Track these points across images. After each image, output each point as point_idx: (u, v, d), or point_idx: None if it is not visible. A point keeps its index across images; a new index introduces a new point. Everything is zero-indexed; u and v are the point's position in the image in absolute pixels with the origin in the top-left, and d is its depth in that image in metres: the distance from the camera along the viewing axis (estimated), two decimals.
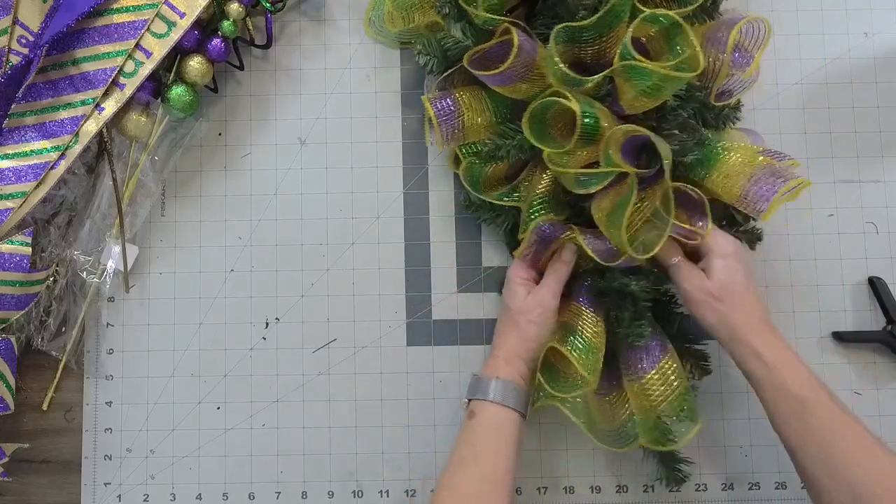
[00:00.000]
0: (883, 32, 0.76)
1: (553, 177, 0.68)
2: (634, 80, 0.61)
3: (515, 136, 0.67)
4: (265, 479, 0.73)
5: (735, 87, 0.66)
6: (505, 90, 0.66)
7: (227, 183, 0.76)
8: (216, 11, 0.70)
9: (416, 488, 0.73)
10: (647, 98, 0.62)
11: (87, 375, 0.74)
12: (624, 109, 0.64)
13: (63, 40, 0.66)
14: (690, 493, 0.72)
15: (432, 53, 0.69)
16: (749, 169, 0.62)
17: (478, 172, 0.69)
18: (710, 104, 0.66)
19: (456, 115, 0.68)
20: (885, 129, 0.75)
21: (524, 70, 0.64)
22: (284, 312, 0.74)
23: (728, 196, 0.64)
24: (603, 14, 0.61)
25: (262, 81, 0.76)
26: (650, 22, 0.61)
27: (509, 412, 0.64)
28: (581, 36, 0.63)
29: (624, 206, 0.61)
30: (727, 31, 0.62)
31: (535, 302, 0.66)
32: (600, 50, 0.64)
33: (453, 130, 0.68)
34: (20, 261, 0.67)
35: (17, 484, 0.73)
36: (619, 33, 0.62)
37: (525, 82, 0.65)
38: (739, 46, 0.63)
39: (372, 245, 0.75)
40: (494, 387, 0.64)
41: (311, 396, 0.74)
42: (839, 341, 0.73)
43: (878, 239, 0.75)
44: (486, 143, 0.68)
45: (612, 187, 0.64)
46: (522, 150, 0.67)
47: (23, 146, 0.67)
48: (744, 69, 0.63)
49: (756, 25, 0.62)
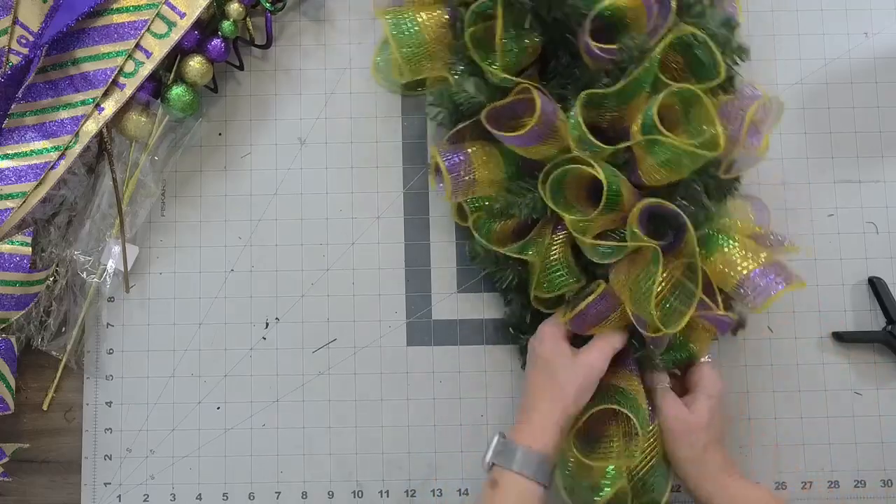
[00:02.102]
0: (883, 32, 0.76)
1: (565, 239, 0.66)
2: (656, 152, 0.60)
3: (528, 194, 0.65)
4: (265, 479, 0.73)
5: (742, 163, 0.66)
6: (521, 150, 0.65)
7: (227, 183, 0.76)
8: (216, 11, 0.70)
9: (416, 488, 0.73)
10: (666, 170, 0.61)
11: (87, 375, 0.74)
12: (642, 180, 0.63)
13: (63, 40, 0.66)
14: None
15: (444, 106, 0.69)
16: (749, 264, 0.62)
17: (486, 227, 0.68)
18: (717, 178, 0.65)
19: (467, 171, 0.66)
20: (885, 129, 0.75)
21: (543, 132, 0.62)
22: (284, 312, 0.74)
23: (724, 283, 0.63)
24: (627, 83, 0.60)
25: (262, 81, 0.76)
26: (675, 95, 0.60)
27: (535, 485, 0.59)
28: (602, 101, 0.62)
29: (649, 280, 0.59)
30: (742, 109, 0.62)
31: (584, 363, 0.62)
32: (620, 117, 0.63)
33: (463, 184, 0.66)
34: (20, 261, 0.67)
35: (17, 484, 0.73)
36: (640, 101, 0.61)
37: (544, 144, 0.63)
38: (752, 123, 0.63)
39: (372, 245, 0.75)
40: (525, 457, 0.60)
41: (310, 396, 0.74)
42: (839, 341, 0.73)
43: (878, 239, 0.75)
44: (498, 200, 0.67)
45: (629, 256, 0.63)
46: (535, 209, 0.65)
47: (23, 146, 0.67)
48: (755, 146, 0.63)
49: (770, 106, 0.62)
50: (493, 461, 0.61)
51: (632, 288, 0.62)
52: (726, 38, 0.63)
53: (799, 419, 0.73)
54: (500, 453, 0.61)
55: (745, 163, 0.66)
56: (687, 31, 0.60)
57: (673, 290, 0.62)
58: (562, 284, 0.66)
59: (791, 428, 0.73)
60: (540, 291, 0.67)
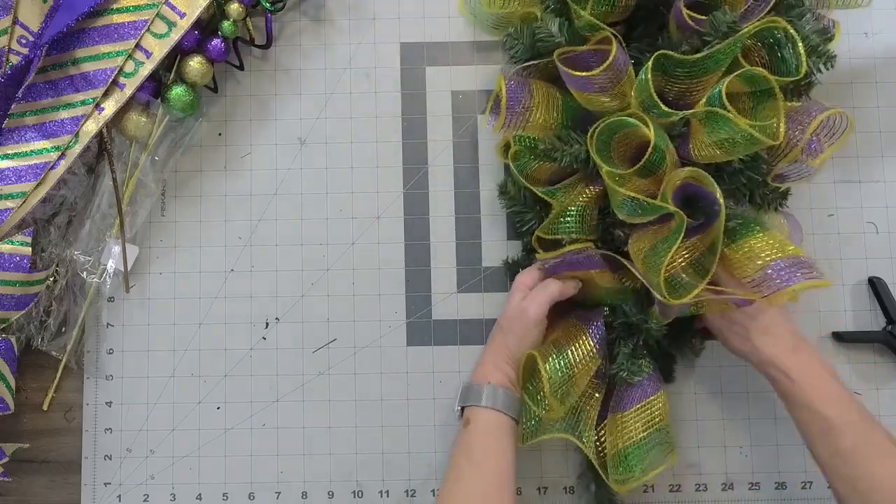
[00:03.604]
0: (883, 32, 0.76)
1: (593, 195, 0.67)
2: (715, 128, 0.60)
3: (573, 144, 0.66)
4: (265, 479, 0.73)
5: (792, 174, 0.67)
6: (582, 97, 0.66)
7: (227, 183, 0.76)
8: (216, 11, 0.70)
9: (416, 488, 0.73)
10: (720, 150, 0.61)
11: (87, 375, 0.74)
12: (691, 155, 0.64)
13: (63, 40, 0.66)
14: (690, 493, 0.72)
15: (522, 40, 0.70)
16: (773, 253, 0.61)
17: (524, 165, 0.69)
18: (765, 181, 0.66)
19: (525, 105, 0.67)
20: (885, 129, 0.75)
21: (609, 83, 0.63)
22: (284, 312, 0.74)
23: (743, 271, 0.63)
24: (707, 54, 0.60)
25: (261, 81, 0.76)
26: (747, 80, 0.61)
27: (503, 417, 0.63)
28: (675, 70, 0.62)
29: (667, 246, 0.60)
30: (810, 116, 0.62)
31: (518, 309, 0.66)
32: (687, 90, 0.63)
33: (517, 117, 0.67)
34: (20, 261, 0.67)
35: (17, 484, 0.73)
36: (710, 80, 0.62)
37: (606, 95, 0.64)
38: (815, 134, 0.63)
39: (372, 245, 0.75)
40: (486, 393, 0.64)
41: (311, 396, 0.74)
42: (839, 341, 0.73)
43: (878, 239, 0.75)
44: (544, 142, 0.68)
45: (655, 225, 0.64)
46: (577, 159, 0.66)
47: (23, 146, 0.67)
48: (813, 157, 0.64)
49: (839, 120, 0.63)
50: (462, 404, 0.66)
51: (647, 255, 0.63)
52: (816, 44, 0.64)
53: None
54: (465, 395, 0.66)
55: (797, 174, 0.67)
56: (781, 25, 0.61)
57: (687, 268, 0.62)
58: (566, 230, 0.67)
59: (791, 428, 0.72)
60: (543, 231, 0.68)
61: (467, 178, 0.75)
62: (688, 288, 0.60)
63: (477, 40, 0.77)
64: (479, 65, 0.76)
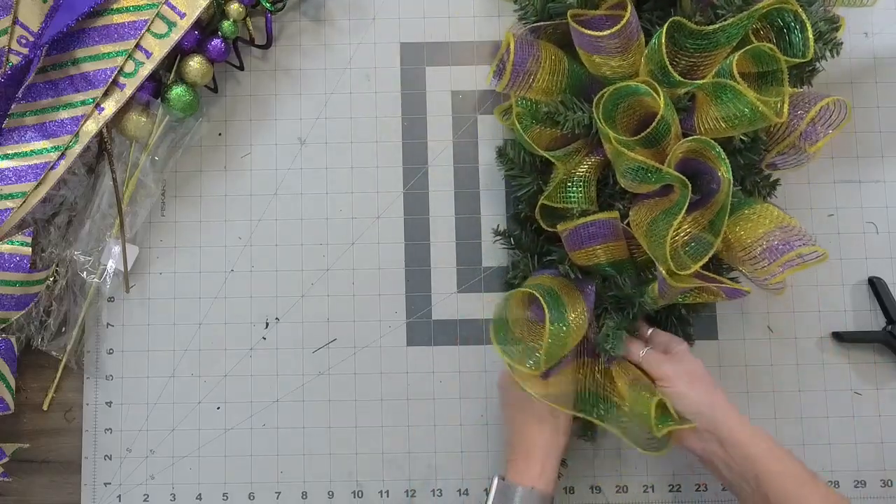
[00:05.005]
0: (883, 32, 0.76)
1: (594, 164, 0.68)
2: (723, 100, 0.61)
3: (577, 110, 0.66)
4: (265, 479, 0.73)
5: (785, 163, 0.68)
6: (590, 61, 0.65)
7: (227, 183, 0.76)
8: (216, 11, 0.70)
9: (416, 488, 0.73)
10: (724, 124, 0.61)
11: (87, 375, 0.74)
12: (695, 129, 0.64)
13: (63, 40, 0.66)
14: (691, 493, 0.72)
15: (533, 1, 0.69)
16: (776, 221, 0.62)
17: (526, 125, 0.68)
18: (758, 167, 0.67)
19: (532, 64, 0.67)
20: (885, 129, 0.75)
21: (620, 47, 0.63)
22: (284, 312, 0.74)
23: (742, 244, 0.63)
24: (721, 26, 0.61)
25: (262, 81, 0.76)
26: (755, 58, 0.61)
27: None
28: (685, 42, 0.62)
29: (669, 218, 0.60)
30: (809, 103, 0.63)
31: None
32: (694, 65, 0.64)
33: (523, 79, 0.67)
34: (20, 261, 0.67)
35: (17, 484, 0.73)
36: (718, 57, 0.63)
37: (614, 59, 0.64)
38: (813, 121, 0.64)
39: (372, 245, 0.75)
40: (525, 498, 0.60)
41: (310, 396, 0.74)
42: (839, 341, 0.73)
43: (878, 239, 0.75)
44: (548, 105, 0.68)
45: (655, 197, 0.64)
46: (580, 125, 0.66)
47: (23, 146, 0.67)
48: (809, 144, 0.64)
49: (838, 108, 0.63)
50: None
51: (649, 227, 0.63)
52: (824, 31, 0.65)
53: (799, 419, 0.73)
54: (501, 496, 0.62)
55: (789, 162, 0.67)
56: (793, 7, 0.62)
57: (688, 243, 0.63)
58: (574, 200, 0.67)
59: (791, 428, 0.73)
60: (550, 200, 0.68)
61: (467, 178, 0.75)
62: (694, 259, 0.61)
63: (477, 40, 0.77)
64: (479, 65, 0.76)
